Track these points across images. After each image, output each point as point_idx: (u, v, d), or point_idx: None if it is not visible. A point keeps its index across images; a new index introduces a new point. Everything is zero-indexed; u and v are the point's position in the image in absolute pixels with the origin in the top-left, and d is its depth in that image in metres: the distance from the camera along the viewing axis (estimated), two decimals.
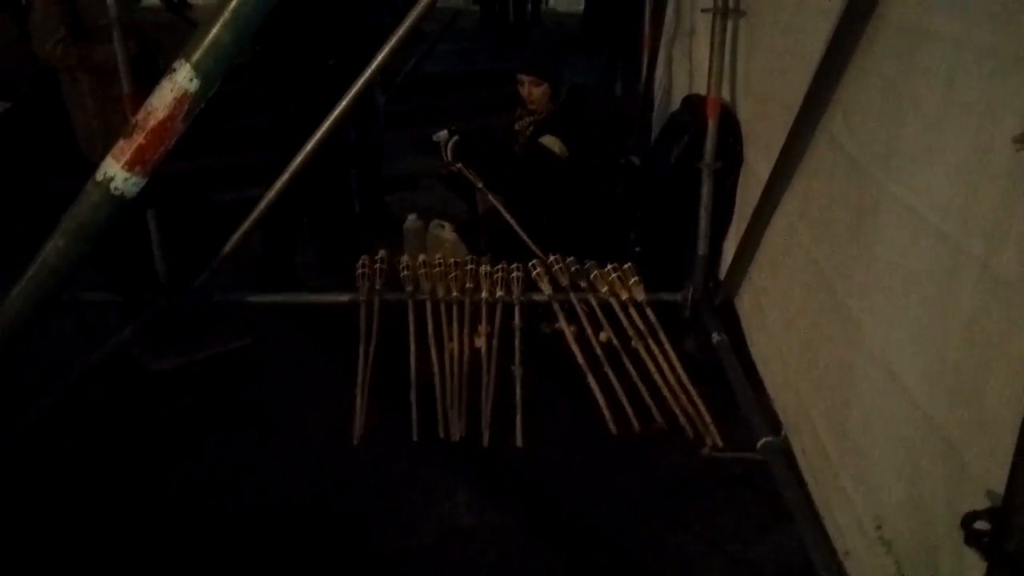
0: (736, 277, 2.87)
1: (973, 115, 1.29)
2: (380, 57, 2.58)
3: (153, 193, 3.00)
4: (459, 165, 3.26)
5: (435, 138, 3.32)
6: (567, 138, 3.23)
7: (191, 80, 1.06)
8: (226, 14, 1.03)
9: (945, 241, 1.37)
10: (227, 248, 2.75)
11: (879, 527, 1.66)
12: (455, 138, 3.24)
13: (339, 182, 3.98)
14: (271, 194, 2.69)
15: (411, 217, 3.85)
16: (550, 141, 3.22)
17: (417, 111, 5.62)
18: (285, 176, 2.67)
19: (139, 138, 1.04)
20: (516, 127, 3.46)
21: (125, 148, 1.06)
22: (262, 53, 3.56)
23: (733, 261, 2.85)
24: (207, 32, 1.05)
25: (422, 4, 2.47)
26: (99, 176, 1.07)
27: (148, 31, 3.07)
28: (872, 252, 1.67)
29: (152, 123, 1.04)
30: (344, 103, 2.62)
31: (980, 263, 1.27)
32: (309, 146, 2.64)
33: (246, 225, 2.72)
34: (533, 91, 3.31)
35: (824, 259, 1.98)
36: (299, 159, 2.66)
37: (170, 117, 1.06)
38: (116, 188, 1.08)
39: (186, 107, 1.07)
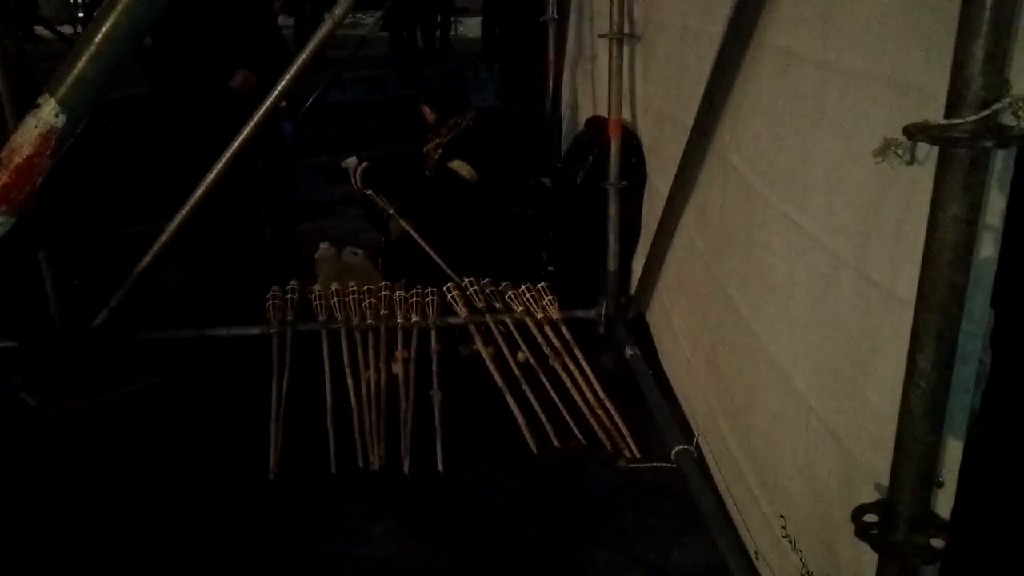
0: (646, 292, 2.96)
1: (840, 132, 1.39)
2: (282, 84, 2.56)
3: (44, 231, 2.91)
4: (369, 191, 3.26)
5: (344, 164, 3.31)
6: (475, 160, 3.27)
7: (56, 116, 1.03)
8: (91, 48, 1.01)
9: (823, 250, 1.46)
10: (127, 284, 2.66)
11: (784, 525, 1.74)
12: (364, 164, 3.24)
13: (247, 211, 3.90)
14: (172, 226, 2.62)
15: (323, 245, 3.80)
16: (458, 165, 3.26)
17: (326, 139, 5.57)
18: (186, 208, 2.60)
19: (3, 176, 1.00)
20: (425, 150, 3.50)
21: None
22: (161, 83, 3.48)
23: (642, 276, 2.95)
24: (72, 66, 1.03)
25: (324, 28, 2.47)
26: None
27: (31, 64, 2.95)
28: (762, 262, 1.76)
29: (17, 160, 1.00)
30: (246, 131, 2.59)
31: (854, 269, 1.35)
32: (212, 175, 2.59)
33: (146, 260, 2.64)
34: (428, 116, 3.39)
35: (721, 271, 2.07)
36: (201, 189, 2.61)
37: (36, 154, 1.02)
38: None
39: (52, 143, 1.03)
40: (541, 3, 4.68)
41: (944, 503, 1.22)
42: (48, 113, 1.03)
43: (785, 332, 1.66)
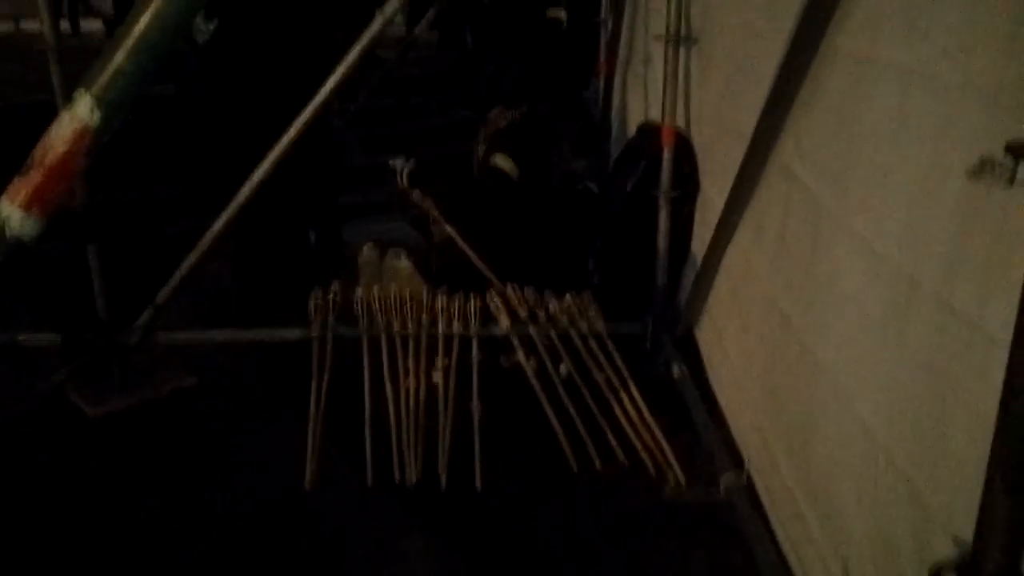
0: (696, 307, 2.84)
1: (925, 146, 1.26)
2: (332, 81, 2.51)
3: (93, 225, 2.91)
4: (415, 192, 3.22)
5: (391, 164, 3.28)
6: (517, 156, 3.20)
7: (92, 112, 0.96)
8: (128, 41, 0.95)
9: (899, 275, 1.33)
10: (172, 283, 2.64)
11: (845, 568, 1.61)
12: (411, 164, 3.21)
13: (293, 210, 3.88)
14: (219, 223, 2.59)
15: (367, 247, 3.76)
16: (500, 159, 3.20)
17: (375, 138, 5.55)
18: (234, 205, 2.57)
19: (36, 176, 0.95)
20: (475, 146, 3.46)
21: (20, 187, 0.97)
22: (219, 81, 3.46)
23: (692, 291, 2.82)
24: (108, 59, 0.96)
25: (373, 26, 2.42)
26: None
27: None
28: (828, 286, 1.63)
29: (50, 160, 0.95)
30: (295, 128, 2.55)
31: (935, 299, 1.22)
32: (260, 173, 2.56)
33: (192, 259, 2.62)
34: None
35: (780, 292, 1.95)
36: (249, 186, 2.57)
37: (70, 152, 0.96)
38: (12, 230, 0.98)
39: (87, 142, 0.97)
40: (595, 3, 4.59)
41: None
42: (83, 109, 0.97)
43: (853, 361, 1.53)
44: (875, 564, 1.48)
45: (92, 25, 8.74)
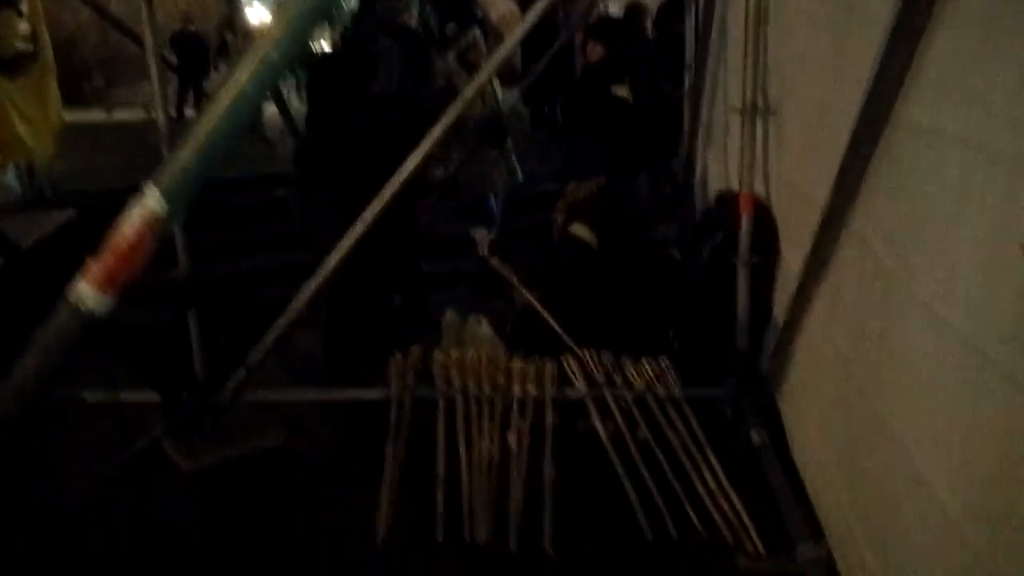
0: (777, 375, 2.78)
1: (986, 217, 1.24)
2: (419, 156, 2.66)
3: (194, 293, 3.14)
4: (495, 260, 3.31)
5: (472, 233, 3.39)
6: (598, 226, 3.25)
7: (160, 205, 1.10)
8: (194, 142, 1.08)
9: (967, 346, 1.30)
10: (263, 346, 2.80)
11: None
12: (492, 233, 3.31)
13: (378, 277, 4.03)
14: (306, 292, 2.75)
15: (449, 312, 3.87)
16: (578, 228, 3.25)
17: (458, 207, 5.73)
18: (321, 273, 2.73)
19: (108, 259, 1.08)
20: (552, 216, 3.52)
21: (94, 268, 1.10)
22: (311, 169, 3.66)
23: (772, 357, 2.77)
24: (176, 159, 1.10)
25: (466, 93, 2.56)
26: (70, 296, 1.11)
27: None
28: (901, 357, 1.59)
29: (122, 246, 1.08)
30: (383, 198, 2.70)
31: (1003, 372, 1.19)
32: (348, 240, 2.71)
33: (281, 324, 2.78)
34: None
35: (855, 361, 1.90)
36: (336, 255, 2.72)
37: (139, 240, 1.09)
38: (85, 308, 1.11)
39: (155, 230, 1.11)
40: (678, 75, 4.67)
41: None
42: (153, 202, 1.10)
43: (928, 438, 1.48)
44: None
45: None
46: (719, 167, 3.80)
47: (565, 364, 2.97)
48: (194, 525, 2.78)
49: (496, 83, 4.95)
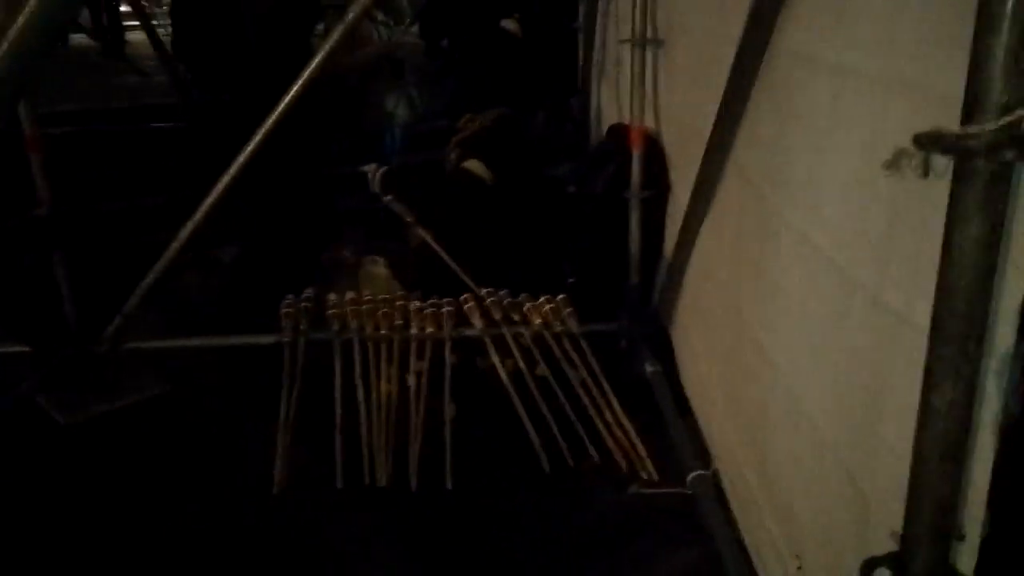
0: (668, 307, 2.84)
1: (856, 141, 1.27)
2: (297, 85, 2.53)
3: (59, 233, 2.91)
4: (388, 197, 3.22)
5: (363, 170, 3.28)
6: (492, 161, 3.20)
7: None
8: (4, 44, 0.96)
9: (838, 271, 1.34)
10: (139, 292, 2.64)
11: (799, 566, 1.61)
12: (383, 169, 3.21)
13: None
14: (183, 235, 2.60)
15: (344, 251, 3.76)
16: (473, 164, 3.20)
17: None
18: (197, 217, 2.58)
19: None
20: (447, 154, 3.45)
21: None
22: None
23: (663, 291, 2.83)
24: None
25: (339, 30, 2.43)
26: None
27: None
28: (776, 283, 1.64)
29: None
30: (264, 128, 2.56)
31: (870, 295, 1.23)
32: (226, 177, 2.57)
33: (158, 268, 2.62)
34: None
35: (735, 289, 1.96)
36: (214, 193, 2.58)
37: None
38: None
39: None
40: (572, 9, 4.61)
41: (967, 558, 1.09)
42: None
43: (801, 360, 1.54)
44: (823, 557, 1.48)
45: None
46: (612, 100, 3.79)
47: (463, 303, 2.94)
48: (74, 482, 2.64)
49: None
